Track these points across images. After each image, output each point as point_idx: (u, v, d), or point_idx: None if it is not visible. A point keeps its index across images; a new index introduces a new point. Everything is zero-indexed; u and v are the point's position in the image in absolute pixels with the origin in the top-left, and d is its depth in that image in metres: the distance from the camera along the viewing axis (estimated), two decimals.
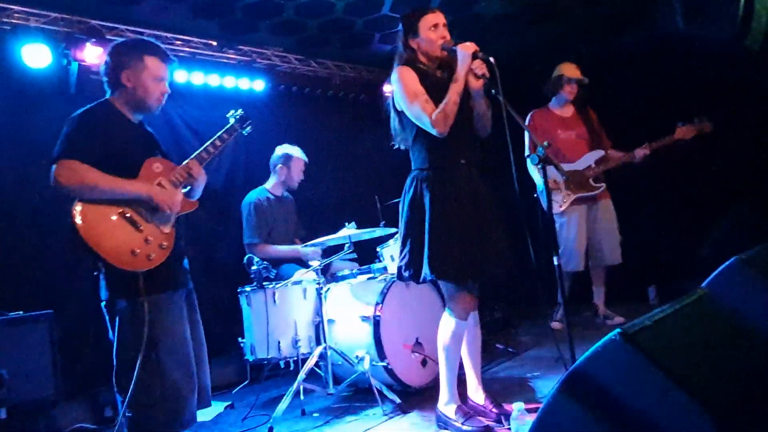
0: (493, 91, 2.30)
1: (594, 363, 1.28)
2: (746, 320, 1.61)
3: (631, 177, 4.14)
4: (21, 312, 2.85)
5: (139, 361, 1.87)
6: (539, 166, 2.13)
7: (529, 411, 2.07)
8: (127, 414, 1.91)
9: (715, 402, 1.19)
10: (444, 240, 2.29)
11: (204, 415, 2.97)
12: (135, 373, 1.87)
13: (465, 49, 2.32)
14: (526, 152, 3.97)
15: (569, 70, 4.05)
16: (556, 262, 2.09)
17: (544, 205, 3.88)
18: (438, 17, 2.45)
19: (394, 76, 2.43)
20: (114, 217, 1.98)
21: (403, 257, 2.42)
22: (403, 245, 2.43)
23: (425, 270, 2.31)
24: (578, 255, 4.01)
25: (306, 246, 3.57)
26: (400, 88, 2.38)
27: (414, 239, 2.38)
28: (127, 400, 1.90)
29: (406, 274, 2.41)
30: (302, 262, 3.74)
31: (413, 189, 2.41)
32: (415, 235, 2.37)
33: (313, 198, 4.56)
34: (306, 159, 3.96)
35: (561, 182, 3.92)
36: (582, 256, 4.04)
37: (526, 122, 4.07)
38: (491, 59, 2.30)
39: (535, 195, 3.97)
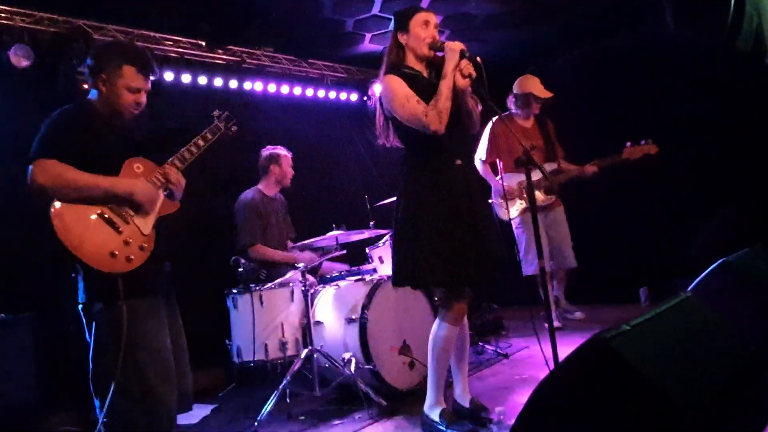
0: (481, 91, 2.29)
1: (572, 368, 1.27)
2: (730, 323, 1.60)
3: (624, 177, 4.14)
4: (2, 315, 2.83)
5: (117, 366, 1.84)
6: (523, 168, 2.12)
7: (514, 415, 2.06)
8: (104, 419, 1.88)
9: (692, 407, 1.18)
10: (441, 245, 2.25)
11: (190, 418, 2.95)
12: (113, 378, 1.84)
13: (452, 47, 2.32)
14: (483, 157, 4.18)
15: (537, 89, 4.16)
16: (540, 265, 2.08)
17: (498, 213, 4.08)
18: (430, 16, 2.45)
19: (381, 85, 2.41)
20: (93, 218, 1.94)
21: (399, 262, 2.37)
22: (399, 250, 2.38)
23: (422, 275, 2.27)
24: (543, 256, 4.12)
25: (294, 247, 3.56)
26: (388, 97, 2.36)
27: (410, 243, 2.32)
28: (105, 405, 1.87)
29: (402, 279, 2.36)
30: (291, 264, 3.72)
31: (408, 192, 2.37)
32: (412, 239, 2.32)
33: (303, 199, 4.54)
34: (291, 153, 3.96)
35: (516, 190, 4.10)
36: (546, 257, 4.16)
37: (488, 127, 4.18)
38: (478, 59, 2.29)
39: (490, 201, 4.10)
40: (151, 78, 2.18)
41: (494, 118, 4.15)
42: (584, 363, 1.24)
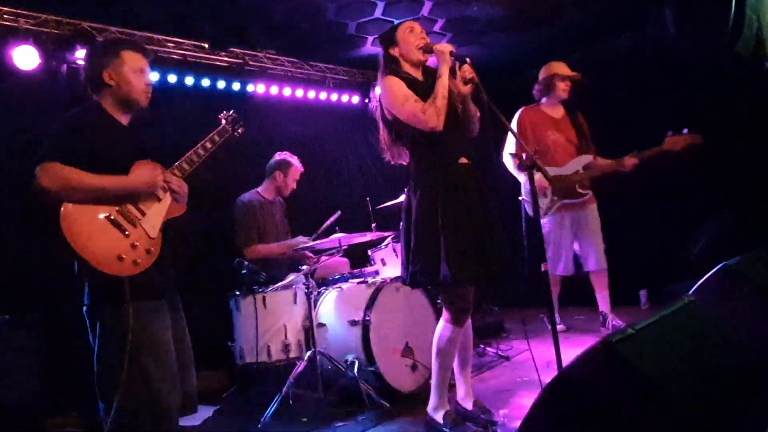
0: (481, 96, 2.30)
1: (578, 371, 1.28)
2: (731, 327, 1.61)
3: (623, 180, 4.15)
4: (7, 316, 2.83)
5: (122, 369, 1.85)
6: (526, 172, 2.14)
7: (516, 417, 2.07)
8: (109, 422, 1.89)
9: (697, 410, 1.19)
10: (460, 242, 2.26)
11: (192, 420, 2.96)
12: (118, 381, 1.85)
13: (441, 49, 2.38)
14: (511, 150, 3.87)
15: (561, 68, 3.95)
16: (542, 269, 2.10)
17: (528, 210, 3.89)
18: (413, 23, 2.52)
19: (380, 88, 2.45)
20: (101, 221, 1.95)
21: (416, 262, 2.34)
22: (416, 250, 2.35)
23: (444, 273, 2.25)
24: (566, 258, 3.97)
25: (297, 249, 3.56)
26: (388, 97, 2.39)
27: (428, 243, 2.31)
28: (112, 407, 1.88)
29: (421, 279, 2.34)
30: (293, 266, 3.73)
31: (421, 191, 2.37)
32: (429, 238, 2.31)
33: (305, 201, 4.55)
34: (302, 168, 3.93)
35: (548, 188, 3.81)
36: (570, 259, 3.99)
37: (515, 119, 3.98)
38: (467, 60, 2.34)
39: (520, 198, 3.97)
40: (147, 58, 2.20)
41: (521, 110, 3.98)
42: (590, 366, 1.25)
